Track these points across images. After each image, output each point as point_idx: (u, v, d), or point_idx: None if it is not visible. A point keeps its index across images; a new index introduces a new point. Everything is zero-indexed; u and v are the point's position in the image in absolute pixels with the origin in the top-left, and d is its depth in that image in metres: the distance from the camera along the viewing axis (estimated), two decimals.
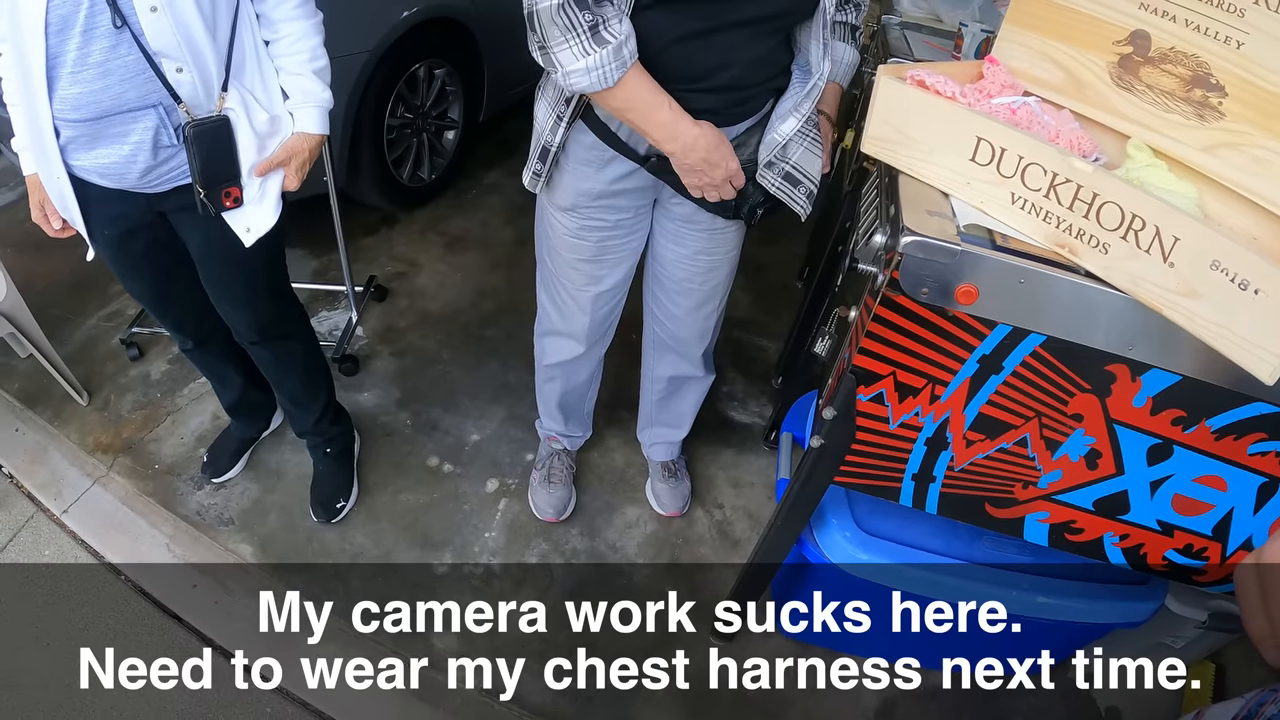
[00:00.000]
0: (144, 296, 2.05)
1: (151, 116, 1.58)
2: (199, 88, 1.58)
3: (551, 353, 2.21)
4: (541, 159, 1.71)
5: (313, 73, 1.77)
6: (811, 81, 1.58)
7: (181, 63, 1.54)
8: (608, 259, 1.91)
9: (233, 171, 1.70)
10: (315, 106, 1.80)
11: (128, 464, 2.56)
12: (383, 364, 2.98)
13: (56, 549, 2.32)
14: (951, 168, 1.28)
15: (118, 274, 1.96)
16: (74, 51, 1.48)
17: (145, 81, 1.54)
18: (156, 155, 1.64)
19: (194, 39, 1.53)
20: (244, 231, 1.79)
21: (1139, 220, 1.07)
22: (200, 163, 1.64)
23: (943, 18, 2.36)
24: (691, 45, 1.48)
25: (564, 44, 1.39)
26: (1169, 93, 1.27)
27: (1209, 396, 1.25)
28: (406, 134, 3.51)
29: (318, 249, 3.48)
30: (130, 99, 1.55)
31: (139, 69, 1.52)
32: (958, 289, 1.22)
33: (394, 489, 2.53)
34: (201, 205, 1.69)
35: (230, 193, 1.71)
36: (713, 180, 1.59)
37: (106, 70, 1.51)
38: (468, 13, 3.44)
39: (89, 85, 1.52)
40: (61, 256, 3.25)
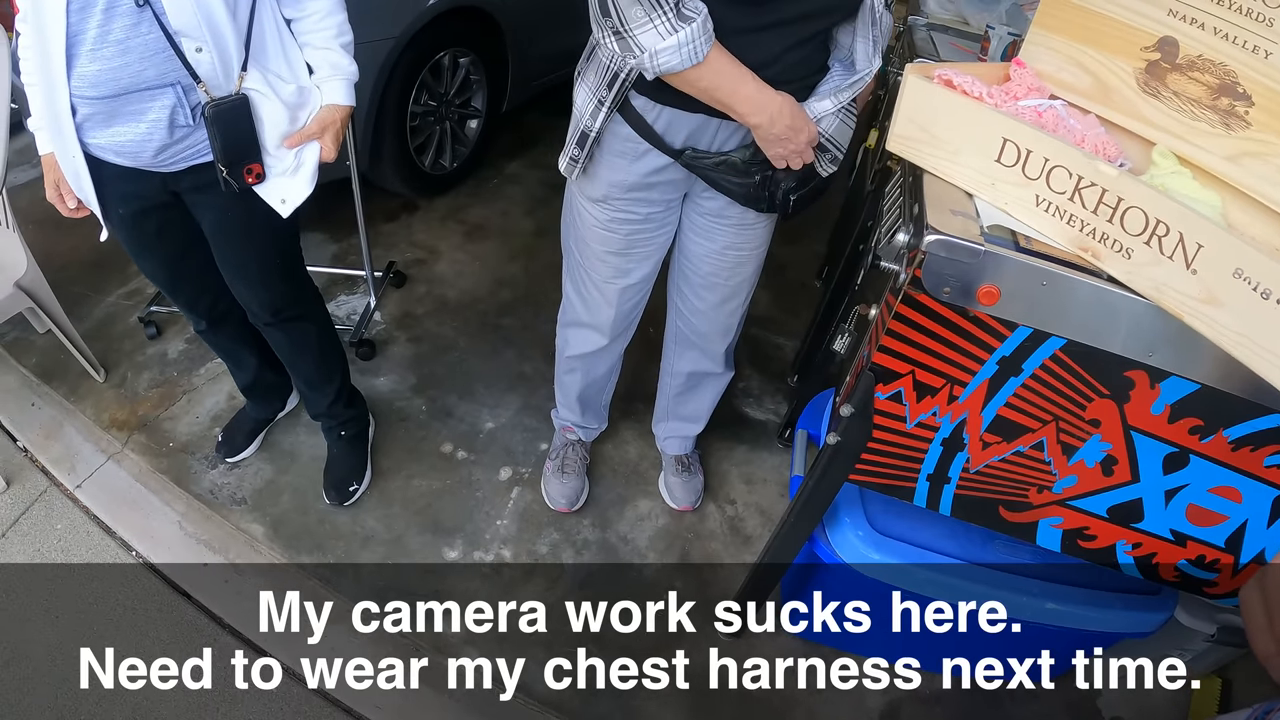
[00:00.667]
0: (158, 276, 2.07)
1: (169, 95, 1.59)
2: (218, 67, 1.59)
3: (575, 344, 2.22)
4: (580, 145, 1.70)
5: (340, 46, 1.80)
6: (857, 76, 1.58)
7: (201, 42, 1.55)
8: (636, 252, 1.92)
9: (254, 149, 1.71)
10: (343, 79, 1.82)
11: (142, 441, 2.57)
12: (400, 349, 2.99)
13: (68, 523, 2.34)
14: (977, 168, 1.28)
15: (131, 254, 1.98)
16: (95, 29, 1.50)
17: (165, 60, 1.54)
18: (172, 134, 1.64)
19: (214, 18, 1.54)
20: (279, 203, 1.80)
21: (1163, 226, 1.06)
22: (221, 142, 1.65)
23: (969, 20, 2.35)
24: (737, 42, 1.47)
25: (647, 24, 1.37)
26: (1195, 100, 1.27)
27: (1227, 406, 1.25)
28: (430, 121, 3.52)
29: (338, 233, 3.49)
30: (149, 77, 1.56)
31: (159, 47, 1.53)
32: (980, 289, 1.22)
33: (407, 474, 2.54)
34: (224, 183, 1.70)
35: (252, 169, 1.72)
36: (797, 146, 1.57)
37: (126, 48, 1.52)
38: (494, 2, 3.44)
39: (108, 63, 1.53)
40: (82, 234, 3.25)
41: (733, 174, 1.67)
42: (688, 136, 1.65)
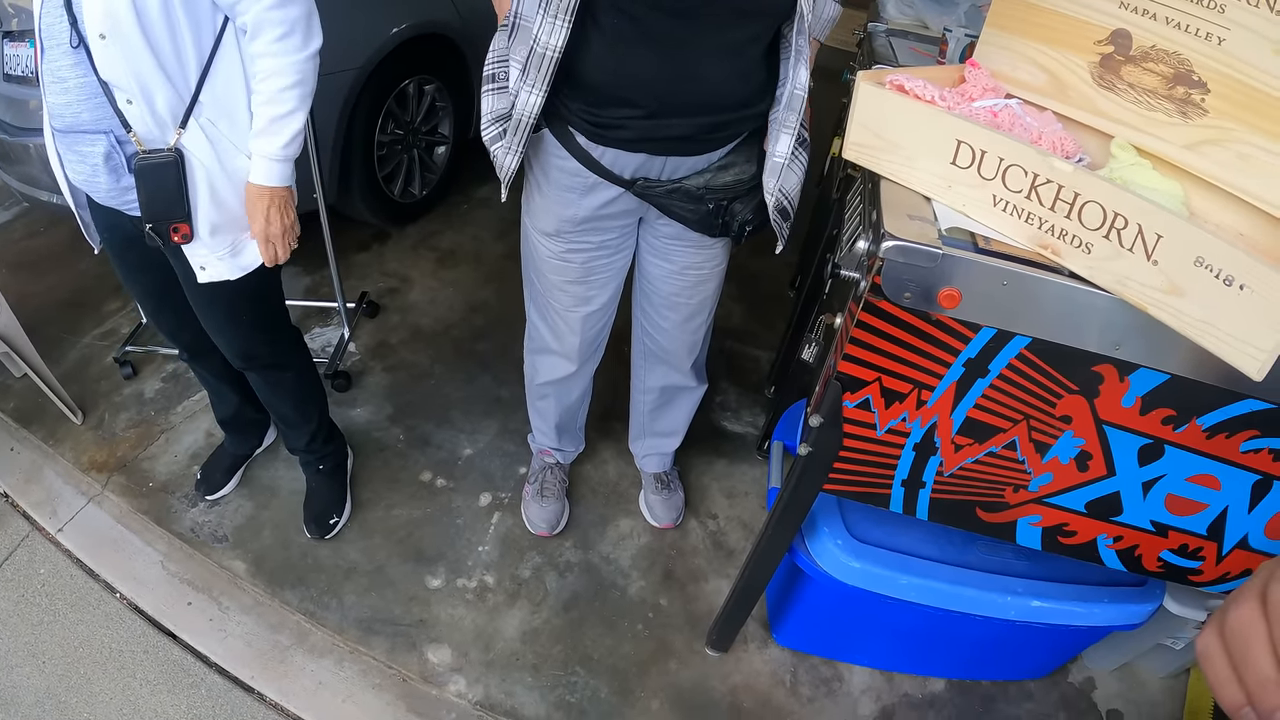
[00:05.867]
0: (141, 299, 2.06)
1: (103, 142, 1.58)
2: (149, 121, 1.56)
3: (544, 371, 2.20)
4: None
5: (266, 116, 1.63)
6: (787, 90, 1.56)
7: (130, 95, 1.52)
8: (595, 279, 1.91)
9: (180, 208, 1.65)
10: (259, 155, 1.67)
11: (122, 482, 2.55)
12: (375, 380, 2.97)
13: (51, 567, 2.31)
14: (932, 171, 1.28)
15: (119, 275, 1.97)
16: (53, 63, 1.51)
17: (98, 105, 1.54)
18: (118, 180, 1.63)
19: (144, 74, 1.51)
20: (198, 269, 1.76)
21: (1121, 219, 1.06)
22: (146, 196, 1.62)
23: (929, 24, 2.36)
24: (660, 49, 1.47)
25: None
26: (1151, 91, 1.26)
27: (1198, 395, 1.24)
28: (397, 150, 3.53)
29: (310, 266, 3.48)
30: (85, 120, 1.56)
31: (93, 92, 1.53)
32: (940, 293, 1.21)
33: (387, 504, 2.52)
34: (148, 237, 1.67)
35: (179, 229, 1.67)
36: None
37: (67, 87, 1.53)
38: (456, 29, 3.45)
39: (59, 98, 1.55)
40: (56, 275, 3.26)
41: (686, 201, 1.67)
42: (636, 169, 1.64)
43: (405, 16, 3.20)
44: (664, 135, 1.57)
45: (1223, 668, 0.58)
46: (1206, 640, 0.60)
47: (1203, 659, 0.60)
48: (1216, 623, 0.60)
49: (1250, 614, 0.57)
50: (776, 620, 2.19)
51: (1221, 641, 0.59)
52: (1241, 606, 0.58)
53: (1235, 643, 0.58)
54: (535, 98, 1.50)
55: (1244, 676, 0.56)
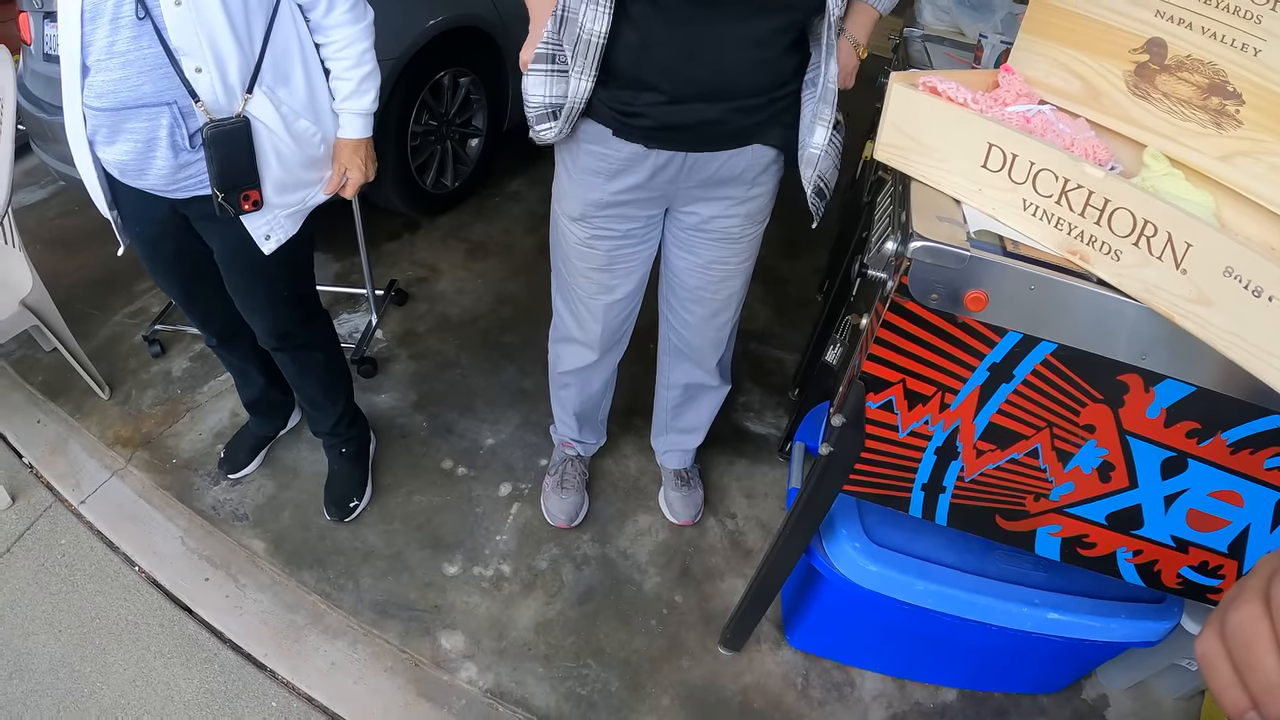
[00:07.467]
0: (172, 292, 2.07)
1: (166, 114, 1.58)
2: (218, 89, 1.58)
3: (566, 359, 2.21)
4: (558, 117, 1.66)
5: (356, 78, 1.80)
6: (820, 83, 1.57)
7: (201, 62, 1.54)
8: (619, 268, 1.91)
9: (252, 175, 1.69)
10: (353, 113, 1.83)
11: (146, 458, 2.58)
12: (401, 367, 2.99)
13: (72, 538, 2.35)
14: (963, 174, 1.27)
15: (148, 269, 1.99)
16: (103, 40, 1.51)
17: (162, 77, 1.54)
18: (177, 156, 1.64)
19: (216, 39, 1.53)
20: (263, 239, 1.80)
21: (1151, 226, 1.05)
22: (218, 165, 1.64)
23: (964, 30, 2.35)
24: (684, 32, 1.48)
25: None
26: (1185, 101, 1.26)
27: (1224, 408, 1.23)
28: (430, 141, 3.55)
29: (340, 252, 3.51)
30: (146, 93, 1.55)
31: (158, 62, 1.52)
32: (967, 295, 1.21)
33: (407, 490, 2.54)
34: (219, 208, 1.69)
35: (249, 196, 1.71)
36: None
37: (127, 61, 1.52)
38: (492, 22, 3.47)
39: (111, 74, 1.53)
40: (89, 254, 3.30)
41: None
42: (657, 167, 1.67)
43: (443, 9, 3.23)
44: (682, 123, 1.57)
45: (1225, 671, 0.56)
46: (1206, 643, 0.58)
47: (1203, 662, 0.58)
48: (1216, 624, 0.58)
49: (1252, 613, 0.55)
50: (791, 622, 2.19)
51: (1222, 644, 0.57)
52: (1243, 606, 0.56)
53: (1237, 644, 0.56)
54: (585, 84, 1.54)
55: (1248, 680, 0.55)
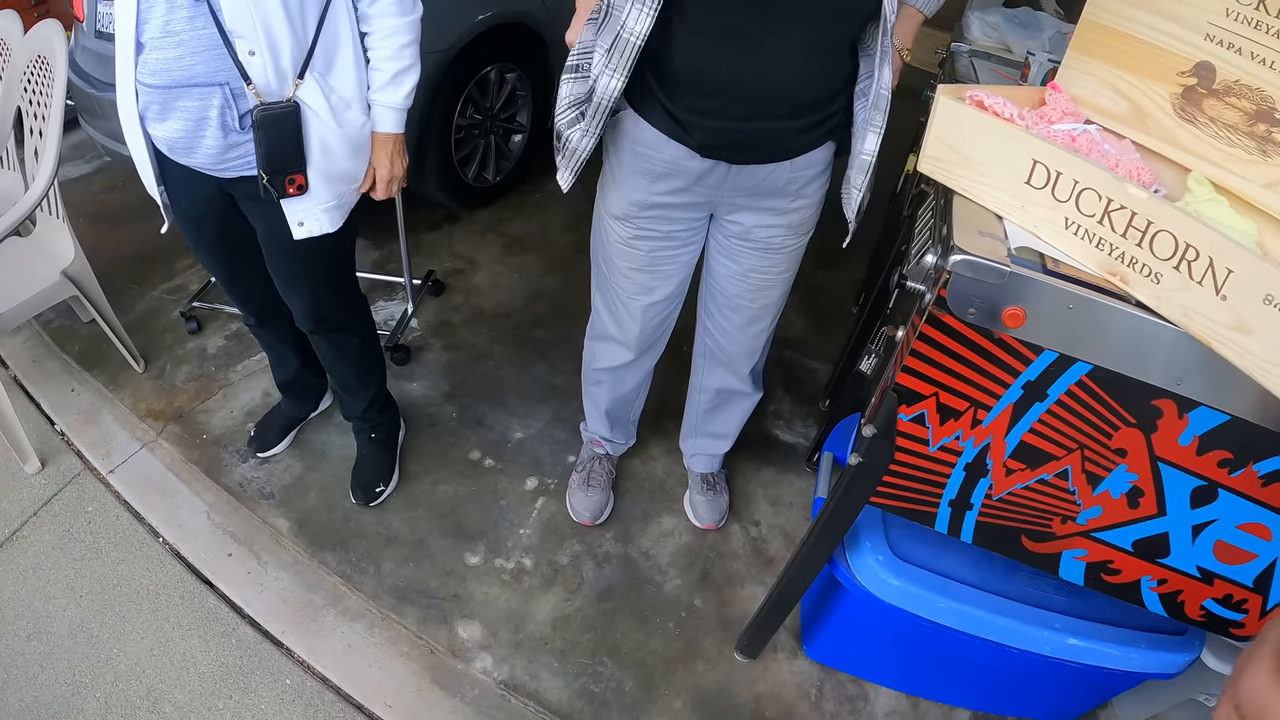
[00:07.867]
0: (214, 270, 2.10)
1: (217, 95, 1.61)
2: (270, 72, 1.60)
3: (601, 357, 2.22)
4: None
5: (391, 70, 1.78)
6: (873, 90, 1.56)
7: (255, 45, 1.56)
8: (660, 270, 1.91)
9: (298, 159, 1.71)
10: (385, 106, 1.81)
11: (176, 432, 2.62)
12: (434, 356, 3.01)
13: (99, 506, 2.39)
14: (1006, 190, 1.27)
15: (191, 247, 2.02)
16: (158, 18, 1.53)
17: (215, 58, 1.56)
18: (226, 136, 1.66)
19: (271, 24, 1.55)
20: (296, 225, 1.81)
21: (1193, 250, 1.04)
22: (265, 148, 1.66)
23: (1012, 47, 2.34)
24: None
25: None
26: (1232, 126, 1.25)
27: (1257, 439, 1.22)
28: (474, 135, 3.57)
29: (380, 240, 3.54)
30: (199, 73, 1.58)
31: (212, 43, 1.55)
32: (1005, 311, 1.20)
33: (434, 479, 2.56)
34: (264, 190, 1.72)
35: (295, 179, 1.73)
36: None
37: (182, 41, 1.54)
38: (540, 19, 3.49)
39: (165, 53, 1.56)
40: (131, 229, 3.35)
41: None
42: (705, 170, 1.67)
43: (493, 4, 3.25)
44: (738, 136, 1.58)
45: None
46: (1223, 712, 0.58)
47: None
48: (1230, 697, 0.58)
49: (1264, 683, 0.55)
50: (808, 633, 2.19)
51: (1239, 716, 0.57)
52: (1255, 678, 0.56)
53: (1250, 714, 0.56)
54: (616, 81, 1.53)
55: None
